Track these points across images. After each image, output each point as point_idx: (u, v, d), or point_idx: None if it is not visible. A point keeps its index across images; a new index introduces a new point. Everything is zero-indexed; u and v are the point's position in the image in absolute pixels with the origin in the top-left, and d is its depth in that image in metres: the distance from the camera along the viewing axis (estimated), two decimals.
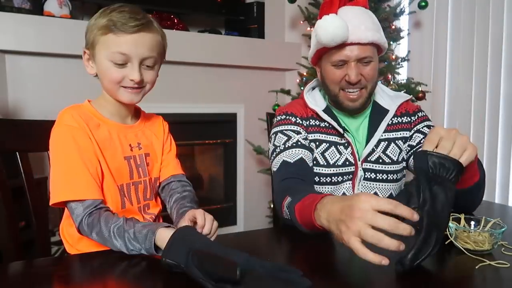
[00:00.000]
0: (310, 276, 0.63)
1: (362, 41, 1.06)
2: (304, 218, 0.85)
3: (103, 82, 0.95)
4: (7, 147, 1.07)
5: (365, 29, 1.06)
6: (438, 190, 0.70)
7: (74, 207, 0.87)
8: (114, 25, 0.89)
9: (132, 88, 0.94)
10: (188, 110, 2.57)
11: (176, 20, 2.53)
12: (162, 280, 0.70)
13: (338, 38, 1.03)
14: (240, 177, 2.86)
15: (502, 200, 2.24)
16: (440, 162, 0.71)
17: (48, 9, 2.10)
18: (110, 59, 0.90)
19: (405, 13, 2.37)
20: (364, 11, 1.11)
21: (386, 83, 2.27)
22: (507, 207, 1.31)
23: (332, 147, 1.15)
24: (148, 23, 0.93)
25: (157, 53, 0.96)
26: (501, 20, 2.19)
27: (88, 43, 0.94)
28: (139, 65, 0.92)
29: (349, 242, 0.66)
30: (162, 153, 1.10)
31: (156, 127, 1.11)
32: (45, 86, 2.16)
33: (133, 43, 0.90)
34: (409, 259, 0.66)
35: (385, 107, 1.20)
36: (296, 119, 1.17)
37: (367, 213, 0.65)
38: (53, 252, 1.40)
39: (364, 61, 1.09)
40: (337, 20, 1.03)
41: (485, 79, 2.26)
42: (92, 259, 0.81)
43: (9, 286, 0.68)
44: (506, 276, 0.72)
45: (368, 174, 1.15)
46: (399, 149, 1.17)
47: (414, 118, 1.20)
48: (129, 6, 0.93)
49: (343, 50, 1.07)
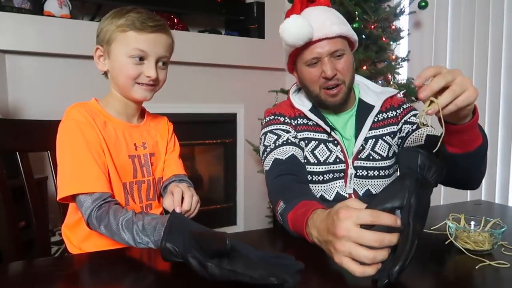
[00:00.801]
0: (310, 276, 0.63)
1: (329, 35, 1.08)
2: (297, 230, 0.85)
3: (118, 78, 0.97)
4: (7, 147, 1.07)
5: (331, 24, 1.08)
6: (423, 194, 0.67)
7: (83, 200, 0.88)
8: (134, 24, 0.92)
9: (147, 85, 0.97)
10: (188, 110, 2.57)
11: (176, 20, 2.53)
12: (162, 279, 0.70)
13: (304, 36, 1.05)
14: (240, 177, 2.86)
15: (502, 200, 2.24)
16: (429, 165, 0.68)
17: (48, 9, 2.11)
18: (128, 55, 0.93)
19: (405, 13, 2.37)
20: (327, 9, 1.14)
21: (386, 83, 2.27)
22: (507, 207, 1.31)
23: (321, 144, 1.16)
24: (164, 25, 0.98)
25: (169, 53, 1.01)
26: (501, 20, 2.19)
27: (103, 40, 0.96)
28: (155, 64, 0.96)
29: (342, 264, 0.65)
30: (166, 152, 1.10)
31: (161, 127, 1.12)
32: (45, 86, 2.16)
33: (151, 42, 0.94)
34: (397, 270, 0.62)
35: (370, 103, 1.20)
36: (285, 119, 1.18)
37: (350, 231, 0.63)
38: (53, 252, 1.40)
39: (336, 55, 1.10)
40: (299, 19, 1.05)
41: (485, 79, 2.26)
42: (92, 259, 0.81)
43: (9, 286, 0.68)
44: (506, 276, 0.71)
45: (360, 172, 1.15)
46: (388, 145, 1.17)
47: (400, 111, 1.20)
48: (144, 9, 0.97)
49: (313, 48, 1.09)
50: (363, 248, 0.63)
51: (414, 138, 1.12)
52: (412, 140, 1.12)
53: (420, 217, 0.65)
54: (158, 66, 0.97)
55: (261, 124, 1.22)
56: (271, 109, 1.22)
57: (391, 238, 0.62)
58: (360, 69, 2.23)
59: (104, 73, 1.01)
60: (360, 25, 2.19)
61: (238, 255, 0.63)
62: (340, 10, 2.26)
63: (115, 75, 0.97)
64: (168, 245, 0.69)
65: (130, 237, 0.82)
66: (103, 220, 0.86)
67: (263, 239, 0.94)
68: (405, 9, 2.35)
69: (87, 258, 0.82)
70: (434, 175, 0.68)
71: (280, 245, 0.90)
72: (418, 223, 0.64)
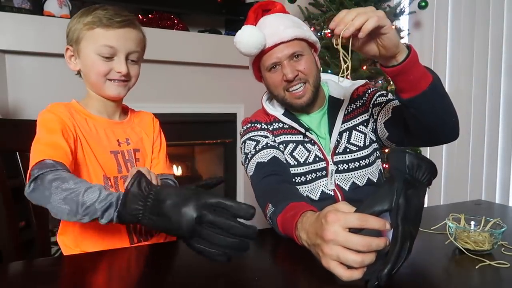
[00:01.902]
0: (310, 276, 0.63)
1: (284, 39, 1.10)
2: (287, 233, 0.85)
3: (89, 76, 0.97)
4: (7, 147, 1.07)
5: (284, 28, 1.11)
6: (413, 195, 0.66)
7: (33, 170, 0.80)
8: (101, 21, 0.93)
9: (118, 80, 0.97)
10: (188, 110, 2.57)
11: (176, 20, 2.52)
12: (163, 278, 0.70)
13: (256, 44, 1.08)
14: (240, 177, 2.85)
15: (502, 200, 2.24)
16: (418, 164, 0.67)
17: (48, 9, 2.10)
18: (97, 52, 0.94)
19: (405, 13, 2.37)
20: (281, 15, 1.16)
21: (386, 83, 2.27)
22: (507, 207, 1.31)
23: (299, 146, 1.17)
24: (132, 20, 0.98)
25: (141, 48, 1.00)
26: (501, 20, 2.19)
27: (72, 39, 0.97)
28: (125, 59, 0.96)
29: (329, 267, 0.65)
30: (152, 151, 1.09)
31: (146, 124, 1.11)
32: (45, 86, 2.15)
33: (120, 37, 0.94)
34: (386, 273, 0.60)
35: (338, 97, 1.21)
36: (262, 125, 1.19)
37: (338, 235, 0.63)
38: (53, 252, 1.40)
39: (294, 57, 1.11)
40: (249, 28, 1.08)
41: (485, 79, 2.26)
42: (92, 259, 0.81)
43: (9, 286, 0.68)
44: (506, 276, 0.72)
45: (341, 166, 1.15)
46: (363, 134, 1.18)
47: (365, 97, 1.21)
48: (112, 6, 0.97)
49: (271, 53, 1.11)
50: (351, 252, 0.62)
51: (383, 113, 1.14)
52: (382, 116, 1.14)
53: (411, 219, 0.64)
54: (128, 61, 0.97)
55: (240, 134, 1.23)
56: (248, 118, 1.24)
57: (379, 242, 0.62)
58: (360, 69, 2.23)
59: (78, 72, 1.01)
60: None
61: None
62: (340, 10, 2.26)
63: (86, 73, 0.98)
64: (134, 188, 0.66)
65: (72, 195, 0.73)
66: (39, 187, 0.77)
67: (263, 239, 0.94)
68: (405, 9, 2.35)
69: (87, 258, 0.82)
70: (425, 173, 0.67)
71: (281, 245, 0.90)
72: (408, 224, 0.63)
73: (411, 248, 0.64)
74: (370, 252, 0.62)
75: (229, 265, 0.65)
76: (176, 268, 0.74)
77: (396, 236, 0.62)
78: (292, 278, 0.74)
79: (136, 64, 1.00)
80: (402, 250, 0.62)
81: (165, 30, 2.38)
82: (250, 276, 0.72)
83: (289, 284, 0.72)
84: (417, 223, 0.65)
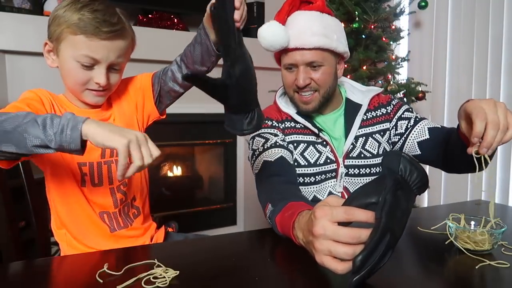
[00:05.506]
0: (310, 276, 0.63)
1: (306, 46, 1.08)
2: (286, 232, 0.85)
3: (67, 80, 0.92)
4: None
5: (311, 35, 1.07)
6: (402, 196, 0.65)
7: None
8: (86, 27, 0.84)
9: (97, 91, 0.92)
10: (188, 110, 2.57)
11: (176, 20, 2.52)
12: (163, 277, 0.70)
13: (276, 44, 1.06)
14: (240, 177, 2.85)
15: (502, 200, 2.24)
16: (411, 169, 0.67)
17: (48, 9, 2.10)
18: (77, 59, 0.87)
19: (405, 13, 2.37)
20: (317, 16, 1.11)
21: (386, 83, 2.28)
22: (507, 207, 1.31)
23: (310, 146, 1.16)
24: (121, 30, 0.89)
25: (126, 57, 0.94)
26: (501, 20, 2.19)
27: (53, 35, 0.89)
28: (106, 69, 0.90)
29: (322, 263, 0.64)
30: (137, 109, 1.03)
31: (121, 90, 1.03)
32: (45, 86, 2.14)
33: (104, 49, 0.87)
34: (360, 259, 0.58)
35: (357, 102, 1.21)
36: (272, 123, 1.18)
37: (327, 230, 0.63)
38: (53, 252, 1.40)
39: (312, 65, 1.10)
40: (275, 26, 1.06)
41: (485, 79, 2.26)
42: (92, 258, 0.81)
43: (9, 286, 0.68)
44: (506, 276, 0.72)
45: (352, 170, 1.15)
46: (378, 143, 1.18)
47: (390, 108, 1.20)
48: (103, 4, 0.88)
49: (291, 54, 1.10)
50: (342, 245, 0.62)
51: (417, 132, 1.13)
52: (416, 135, 1.13)
53: (397, 218, 0.62)
54: (110, 70, 0.91)
55: None
56: None
57: (368, 233, 0.61)
58: (360, 69, 2.23)
59: (57, 67, 0.94)
60: (360, 25, 2.19)
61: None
62: (340, 10, 2.26)
63: (64, 76, 0.92)
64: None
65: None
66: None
67: (263, 239, 0.94)
68: (405, 9, 2.35)
69: (87, 258, 0.82)
70: (417, 180, 0.67)
71: (280, 245, 0.90)
72: (391, 220, 0.61)
73: (393, 248, 0.61)
74: (361, 243, 0.61)
75: (229, 265, 0.65)
76: (180, 266, 0.74)
77: (376, 227, 0.60)
78: (292, 278, 0.74)
79: (118, 72, 0.94)
80: (381, 243, 0.59)
81: (165, 30, 2.38)
82: (250, 276, 0.72)
83: (289, 284, 0.72)
84: (401, 225, 0.63)
